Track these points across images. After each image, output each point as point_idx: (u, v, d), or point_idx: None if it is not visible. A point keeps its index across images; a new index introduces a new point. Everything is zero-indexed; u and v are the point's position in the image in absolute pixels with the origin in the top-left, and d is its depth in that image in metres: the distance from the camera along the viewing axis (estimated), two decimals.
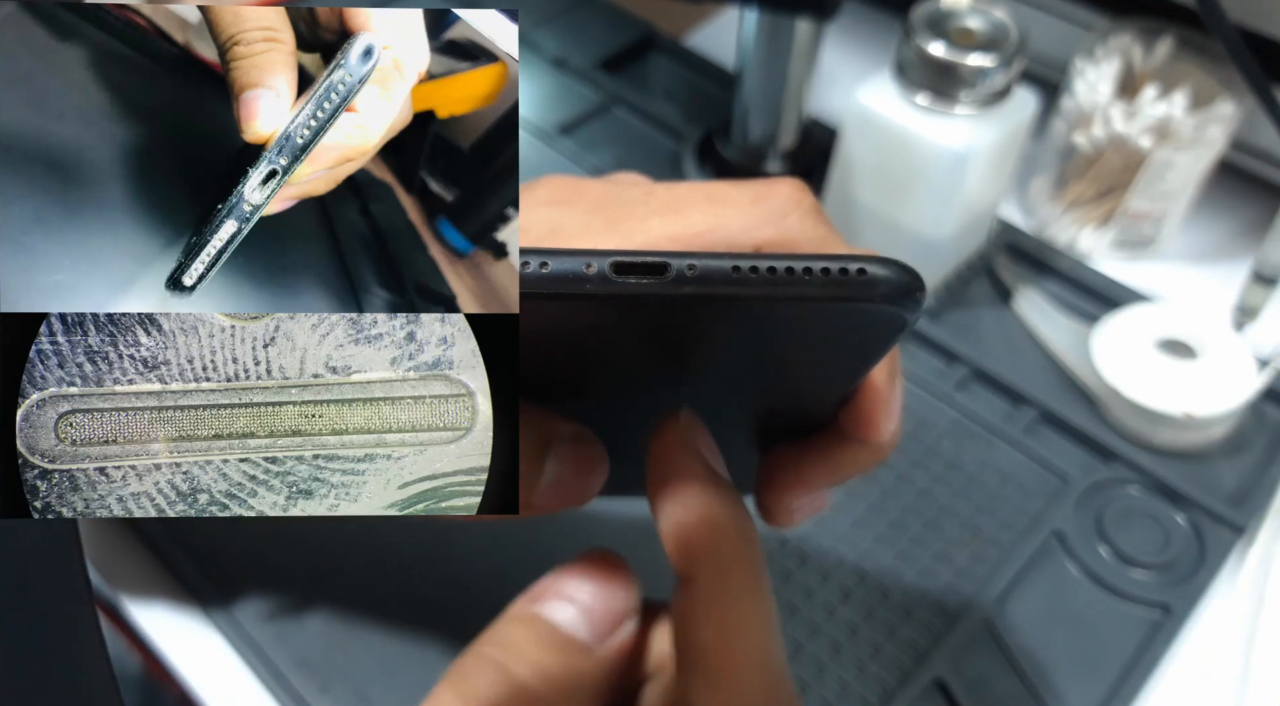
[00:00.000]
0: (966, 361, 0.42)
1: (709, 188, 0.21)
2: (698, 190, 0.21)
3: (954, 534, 0.37)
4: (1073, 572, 0.36)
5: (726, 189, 0.20)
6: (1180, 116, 0.43)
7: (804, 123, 0.48)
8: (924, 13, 0.40)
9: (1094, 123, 0.45)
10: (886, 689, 0.33)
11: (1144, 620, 0.35)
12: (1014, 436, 0.40)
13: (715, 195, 0.20)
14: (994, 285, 0.46)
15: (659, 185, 0.21)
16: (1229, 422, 0.40)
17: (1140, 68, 0.46)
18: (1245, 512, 0.37)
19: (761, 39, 0.44)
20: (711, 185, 0.21)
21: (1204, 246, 0.49)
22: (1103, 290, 0.45)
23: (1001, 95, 0.40)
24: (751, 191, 0.20)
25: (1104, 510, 0.38)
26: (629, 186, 0.21)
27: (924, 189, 0.41)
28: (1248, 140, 0.48)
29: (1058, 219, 0.48)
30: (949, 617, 0.35)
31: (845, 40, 0.59)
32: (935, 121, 0.40)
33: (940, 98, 0.39)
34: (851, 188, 0.44)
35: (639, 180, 0.22)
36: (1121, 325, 0.42)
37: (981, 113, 0.40)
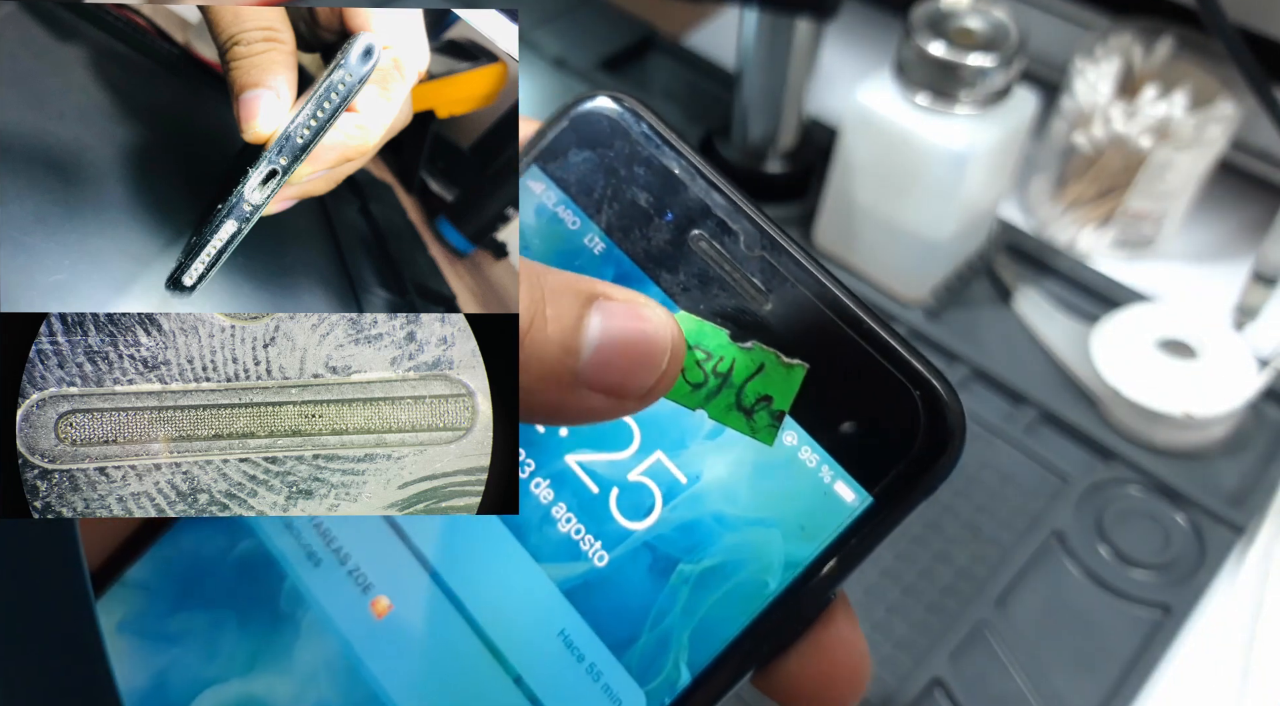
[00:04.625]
0: (966, 361, 0.42)
1: None
2: None
3: (954, 533, 0.37)
4: (1072, 572, 0.36)
5: None
6: (1180, 116, 0.43)
7: (804, 123, 0.48)
8: (924, 12, 0.40)
9: (1094, 123, 0.45)
10: (886, 688, 0.33)
11: (1144, 620, 0.35)
12: (1014, 436, 0.40)
13: None
14: (994, 285, 0.46)
15: None
16: (1229, 422, 0.40)
17: (1140, 68, 0.46)
18: (1245, 512, 0.37)
19: (761, 39, 0.44)
20: None
21: (1204, 246, 0.49)
22: (1103, 290, 0.45)
23: (1001, 95, 0.40)
24: None
25: (1104, 510, 0.38)
26: None
27: (924, 189, 0.41)
28: (1248, 140, 0.48)
29: (1058, 219, 0.48)
30: (948, 617, 0.35)
31: (845, 40, 0.59)
32: (935, 121, 0.40)
33: (940, 97, 0.39)
34: (851, 188, 0.44)
35: None
36: (1121, 325, 0.42)
37: (981, 113, 0.40)
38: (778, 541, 0.17)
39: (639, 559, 0.18)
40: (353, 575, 0.19)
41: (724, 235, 0.18)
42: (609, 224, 0.18)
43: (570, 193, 0.19)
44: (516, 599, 0.18)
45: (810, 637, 0.17)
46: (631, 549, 0.18)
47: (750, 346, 0.17)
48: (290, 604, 0.19)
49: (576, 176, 0.19)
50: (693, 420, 0.18)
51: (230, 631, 0.19)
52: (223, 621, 0.19)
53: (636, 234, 0.18)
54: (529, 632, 0.18)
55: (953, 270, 0.45)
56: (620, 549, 0.18)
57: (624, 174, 0.19)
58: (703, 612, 0.17)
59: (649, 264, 0.18)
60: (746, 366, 0.17)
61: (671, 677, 0.17)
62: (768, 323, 0.17)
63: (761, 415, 0.17)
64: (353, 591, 0.19)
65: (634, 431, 0.18)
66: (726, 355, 0.17)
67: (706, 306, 0.18)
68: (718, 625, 0.17)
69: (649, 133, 0.19)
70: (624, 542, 0.18)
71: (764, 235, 0.18)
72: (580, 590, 0.18)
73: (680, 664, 0.17)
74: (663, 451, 0.18)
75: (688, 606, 0.17)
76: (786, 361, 0.17)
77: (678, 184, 0.18)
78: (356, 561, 0.19)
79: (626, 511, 0.18)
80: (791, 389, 0.17)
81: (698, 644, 0.17)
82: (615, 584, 0.18)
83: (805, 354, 0.17)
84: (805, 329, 0.17)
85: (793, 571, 0.17)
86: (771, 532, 0.17)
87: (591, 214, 0.19)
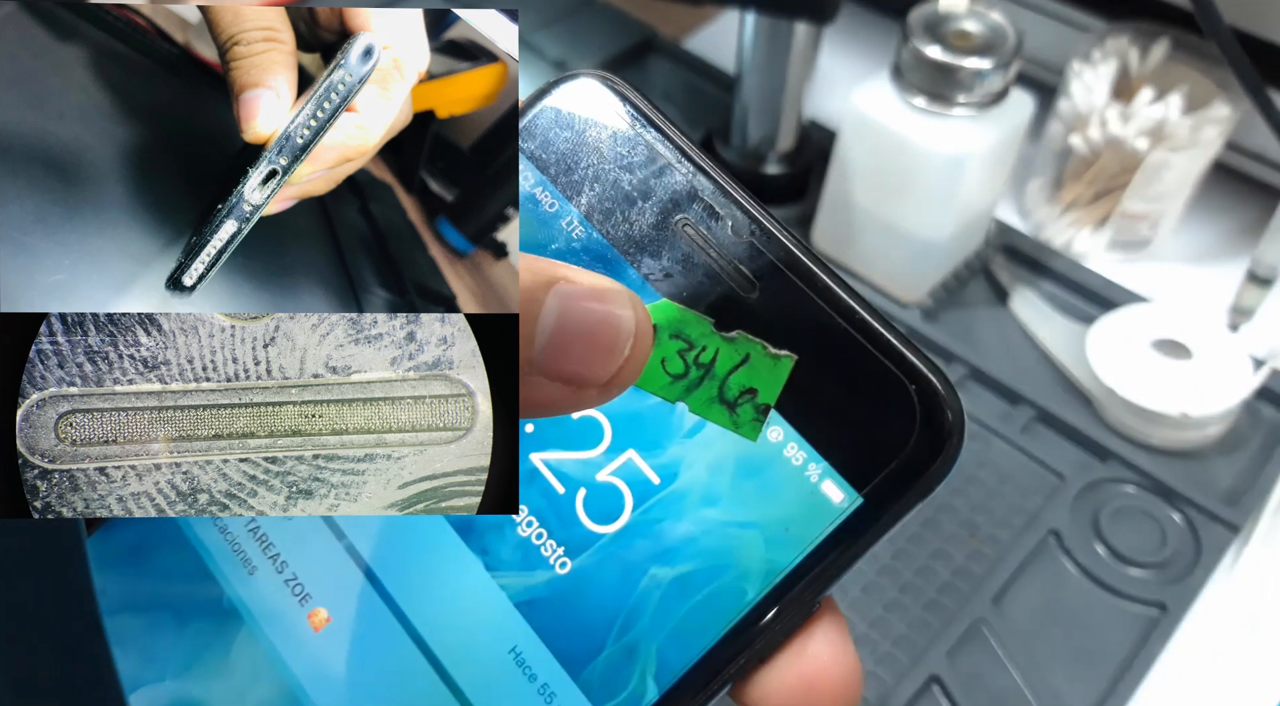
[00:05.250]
0: (963, 361, 0.43)
1: None
2: None
3: (951, 532, 0.37)
4: (1069, 571, 0.36)
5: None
6: (1176, 119, 0.43)
7: (802, 125, 0.48)
8: (921, 16, 0.40)
9: (1090, 125, 0.45)
10: (883, 686, 0.33)
11: (1140, 618, 0.35)
12: (1011, 436, 0.40)
13: None
14: (991, 286, 0.46)
15: None
16: (1224, 422, 0.40)
17: (1136, 70, 0.46)
18: (1241, 511, 0.38)
19: (760, 42, 0.44)
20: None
21: (1200, 247, 0.49)
22: (1099, 291, 0.45)
23: (998, 98, 0.40)
24: None
25: (1100, 509, 0.38)
26: None
27: (921, 191, 0.41)
28: (1243, 142, 0.48)
29: (1054, 220, 0.49)
30: (946, 615, 0.35)
31: (843, 43, 0.59)
32: (932, 124, 0.40)
33: (937, 100, 0.40)
34: (849, 190, 0.44)
35: None
36: (1117, 325, 0.42)
37: (978, 115, 0.40)
38: (759, 545, 0.16)
39: (605, 566, 0.17)
40: (289, 584, 0.18)
41: (710, 219, 0.17)
42: (589, 207, 0.18)
43: (549, 174, 0.18)
44: (465, 611, 0.17)
45: (793, 648, 0.16)
46: (597, 554, 0.17)
47: (735, 336, 0.16)
48: (222, 614, 0.17)
49: (556, 157, 0.18)
50: (669, 416, 0.17)
51: (166, 637, 0.18)
52: (160, 623, 0.18)
53: (618, 217, 0.17)
54: (477, 648, 0.17)
55: (950, 271, 0.45)
56: (585, 555, 0.17)
57: (606, 155, 0.18)
58: (674, 623, 0.16)
59: (630, 249, 0.17)
60: (730, 357, 0.16)
61: (637, 693, 0.16)
62: (754, 311, 0.17)
63: (745, 409, 0.16)
64: (289, 602, 0.17)
65: (604, 428, 0.17)
66: (710, 345, 0.16)
67: (690, 294, 0.17)
68: (690, 636, 0.16)
69: (634, 113, 0.18)
70: (589, 548, 0.17)
71: (752, 220, 0.17)
72: (537, 601, 0.17)
73: (647, 678, 0.16)
74: (635, 450, 0.17)
75: (657, 616, 0.16)
76: (773, 352, 0.16)
77: (663, 166, 0.17)
78: (294, 569, 0.18)
79: (594, 514, 0.17)
80: (778, 381, 0.16)
81: (667, 657, 0.16)
82: (577, 593, 0.16)
83: (793, 345, 0.16)
84: (794, 318, 0.16)
85: (774, 577, 0.16)
86: (752, 535, 0.16)
87: (570, 196, 0.18)
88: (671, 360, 0.16)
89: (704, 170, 0.17)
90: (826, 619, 0.16)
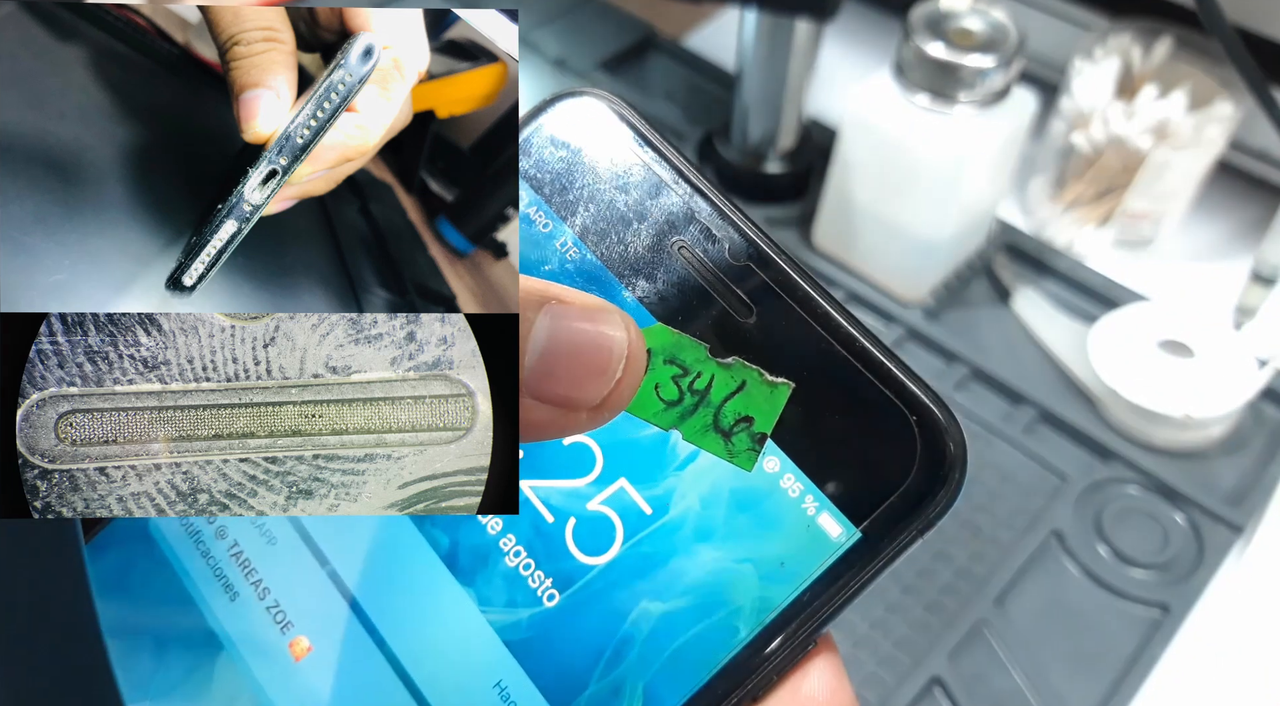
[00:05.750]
0: (965, 361, 0.43)
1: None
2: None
3: (953, 532, 0.37)
4: (1071, 571, 0.36)
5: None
6: (1179, 117, 0.43)
7: (803, 123, 0.48)
8: (923, 13, 0.40)
9: (1093, 123, 0.45)
10: (885, 687, 0.33)
11: (1142, 619, 0.35)
12: (1013, 436, 0.40)
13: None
14: (993, 285, 0.46)
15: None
16: (1227, 422, 0.40)
17: (1139, 68, 0.46)
18: (1244, 512, 0.37)
19: (761, 40, 0.44)
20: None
21: (1203, 246, 0.49)
22: (1101, 290, 0.45)
23: (1000, 96, 0.40)
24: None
25: (1103, 509, 0.38)
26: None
27: (923, 189, 0.41)
28: (1246, 140, 0.48)
29: (1057, 219, 0.49)
30: (947, 616, 0.35)
31: (845, 41, 0.59)
32: (934, 122, 0.40)
33: (939, 98, 0.39)
34: (851, 188, 0.44)
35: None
36: (1120, 325, 0.42)
37: (980, 113, 0.40)
38: (753, 580, 0.16)
39: (594, 599, 0.16)
40: (271, 612, 0.17)
41: (707, 242, 0.17)
42: (583, 227, 0.17)
43: (543, 193, 0.18)
44: (450, 643, 0.16)
45: (787, 687, 0.15)
46: (586, 587, 0.16)
47: (731, 363, 0.16)
48: (202, 641, 0.17)
49: (551, 176, 0.18)
50: (662, 444, 0.16)
51: (145, 663, 0.17)
52: (139, 649, 0.17)
53: (613, 238, 0.17)
54: (461, 682, 0.16)
55: (952, 270, 0.45)
56: (573, 588, 0.16)
57: (602, 175, 0.17)
58: (663, 660, 0.16)
59: (624, 271, 0.17)
60: (726, 384, 0.16)
61: None
62: (751, 337, 0.16)
63: (741, 437, 0.16)
64: (270, 630, 0.17)
65: (596, 455, 0.17)
66: (705, 371, 0.16)
67: (685, 318, 0.16)
68: (680, 674, 0.15)
69: (632, 133, 0.17)
70: (578, 581, 0.16)
71: (750, 243, 0.17)
72: (524, 635, 0.16)
73: None
74: (627, 479, 0.16)
75: (645, 652, 0.16)
76: (770, 380, 0.16)
77: (659, 187, 0.17)
78: (276, 596, 0.17)
79: (583, 545, 0.16)
80: (775, 410, 0.16)
81: (655, 694, 0.15)
82: (565, 627, 0.16)
83: (791, 372, 0.16)
84: (792, 345, 0.16)
85: (768, 614, 0.15)
86: (746, 570, 0.16)
87: (565, 216, 0.17)
88: (665, 386, 0.16)
89: (702, 192, 0.17)
90: (822, 657, 0.16)
